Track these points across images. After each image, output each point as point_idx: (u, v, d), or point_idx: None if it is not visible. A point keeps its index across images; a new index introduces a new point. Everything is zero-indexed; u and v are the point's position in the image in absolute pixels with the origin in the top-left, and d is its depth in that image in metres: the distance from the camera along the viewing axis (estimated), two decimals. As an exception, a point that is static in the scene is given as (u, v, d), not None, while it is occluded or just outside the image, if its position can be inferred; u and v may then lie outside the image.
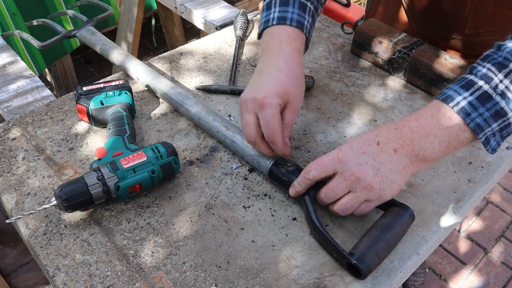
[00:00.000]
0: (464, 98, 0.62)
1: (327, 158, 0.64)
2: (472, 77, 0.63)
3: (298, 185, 0.67)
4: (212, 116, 0.79)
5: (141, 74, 0.87)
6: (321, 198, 0.66)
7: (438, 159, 0.64)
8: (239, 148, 0.75)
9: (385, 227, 0.63)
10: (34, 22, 1.05)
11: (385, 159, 0.62)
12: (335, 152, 0.64)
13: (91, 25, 0.98)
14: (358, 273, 0.61)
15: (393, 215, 0.64)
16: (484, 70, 0.62)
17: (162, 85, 0.84)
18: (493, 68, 0.62)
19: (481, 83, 0.62)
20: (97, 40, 0.94)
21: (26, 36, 1.02)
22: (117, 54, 0.91)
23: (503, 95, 0.61)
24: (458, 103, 0.62)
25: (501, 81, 0.61)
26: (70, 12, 1.04)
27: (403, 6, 1.06)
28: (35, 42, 0.99)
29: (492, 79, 0.61)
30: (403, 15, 1.09)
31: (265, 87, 0.68)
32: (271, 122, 0.66)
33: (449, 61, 0.90)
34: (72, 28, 0.97)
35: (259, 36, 0.79)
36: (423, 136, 0.63)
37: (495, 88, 0.61)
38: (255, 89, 0.69)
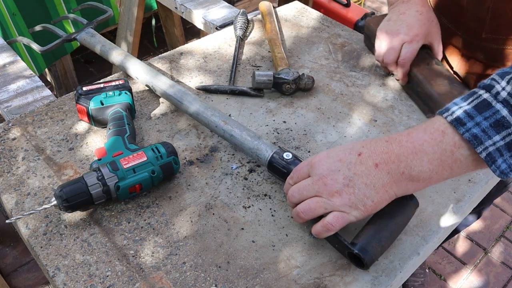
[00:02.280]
0: (460, 107, 0.55)
1: (304, 162, 0.64)
2: (474, 89, 0.57)
3: (284, 189, 0.68)
4: (211, 111, 0.78)
5: (140, 72, 0.87)
6: (288, 195, 0.65)
7: (431, 180, 0.58)
8: (238, 142, 0.75)
9: (388, 215, 0.61)
10: (37, 28, 1.05)
11: (362, 172, 0.58)
12: (312, 157, 0.64)
13: (91, 28, 0.98)
14: (361, 263, 0.60)
15: (396, 202, 0.61)
16: (488, 81, 0.56)
17: (160, 83, 0.84)
18: (496, 77, 0.55)
19: (481, 92, 0.55)
20: (97, 42, 0.95)
21: (27, 41, 1.02)
22: (116, 55, 0.91)
23: (505, 103, 0.52)
24: (452, 113, 0.55)
25: (503, 88, 0.53)
26: (71, 15, 1.05)
27: None
28: (35, 47, 0.99)
29: (493, 86, 0.54)
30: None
31: (414, 26, 0.89)
32: (410, 55, 0.88)
33: (442, 84, 0.87)
34: (73, 30, 0.98)
35: None
36: (411, 152, 0.57)
37: (495, 95, 0.53)
38: (404, 26, 0.89)
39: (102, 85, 0.82)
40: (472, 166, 0.56)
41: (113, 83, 0.83)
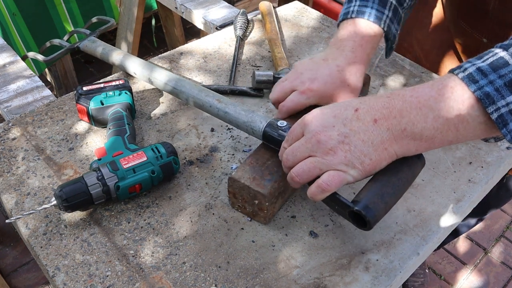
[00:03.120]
0: (474, 64, 0.51)
1: (297, 123, 0.60)
2: (491, 49, 0.53)
3: (279, 156, 0.64)
4: (205, 92, 0.78)
5: (136, 67, 0.87)
6: (283, 159, 0.61)
7: (434, 141, 0.53)
8: (232, 118, 0.74)
9: (392, 171, 0.56)
10: (47, 44, 1.07)
11: (358, 128, 0.54)
12: (305, 114, 0.60)
13: (94, 36, 1.00)
14: (363, 222, 0.56)
15: (401, 160, 0.57)
16: (506, 41, 0.52)
17: (157, 73, 0.84)
18: None
19: (498, 50, 0.51)
20: (97, 46, 0.95)
21: (33, 54, 1.05)
22: (115, 55, 0.91)
23: None
24: (465, 69, 0.51)
25: None
26: (81, 30, 1.06)
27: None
28: (40, 57, 1.02)
29: (511, 45, 0.50)
30: (439, 6, 1.05)
31: (318, 80, 0.71)
32: (291, 105, 0.71)
33: None
34: (77, 40, 1.01)
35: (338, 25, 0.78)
36: (415, 107, 0.52)
37: None
38: (312, 75, 0.71)
39: (102, 85, 0.82)
40: (479, 130, 0.52)
41: (113, 83, 0.83)
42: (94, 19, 1.10)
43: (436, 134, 0.53)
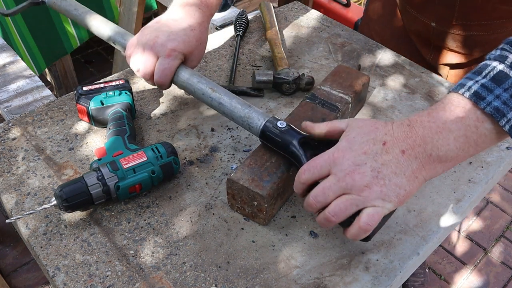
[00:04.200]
0: (476, 82, 0.54)
1: (322, 158, 0.58)
2: (485, 61, 0.56)
3: (295, 189, 0.62)
4: (197, 78, 0.75)
5: (117, 38, 0.83)
6: (309, 202, 0.58)
7: (458, 159, 0.56)
8: (227, 111, 0.72)
9: None
10: None
11: (389, 161, 0.55)
12: (331, 151, 0.58)
13: None
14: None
15: None
16: (498, 52, 0.55)
17: None
18: (507, 47, 0.54)
19: (494, 63, 0.54)
20: (68, 6, 0.88)
21: None
22: (91, 20, 0.86)
23: None
24: (469, 87, 0.54)
25: None
26: None
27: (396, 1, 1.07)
28: (1, 10, 0.95)
29: (507, 57, 0.53)
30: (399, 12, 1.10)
31: (176, 39, 0.74)
32: (168, 72, 0.74)
33: None
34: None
35: None
36: (435, 132, 0.54)
37: (511, 66, 0.53)
38: (167, 36, 0.74)
39: (102, 85, 0.82)
40: (495, 139, 0.55)
41: (113, 83, 0.83)
42: None
43: (459, 153, 0.55)
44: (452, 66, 1.05)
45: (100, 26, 0.85)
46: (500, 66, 0.53)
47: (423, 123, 0.56)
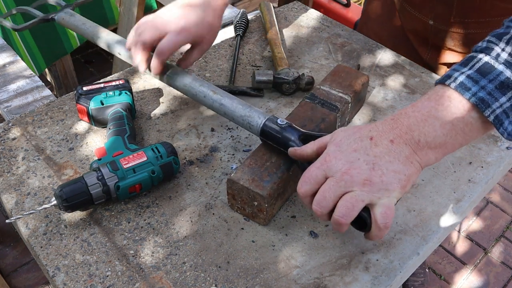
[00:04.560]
0: (462, 73, 0.55)
1: (314, 166, 0.58)
2: (472, 53, 0.57)
3: (305, 204, 0.61)
4: (199, 82, 0.76)
5: (122, 48, 0.84)
6: (315, 210, 0.58)
7: (447, 146, 0.56)
8: (228, 111, 0.72)
9: None
10: (13, 11, 1.02)
11: (380, 152, 0.56)
12: (321, 157, 0.58)
13: (70, 9, 0.94)
14: (363, 224, 0.58)
15: None
16: (484, 44, 0.56)
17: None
18: (493, 39, 0.55)
19: (480, 55, 0.55)
20: (77, 21, 0.90)
21: (2, 20, 0.98)
22: (101, 34, 0.87)
23: (507, 64, 0.53)
24: (455, 79, 0.55)
25: (503, 50, 0.54)
26: (52, 0, 1.01)
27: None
28: (9, 24, 0.96)
29: (493, 49, 0.54)
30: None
31: (191, 22, 0.75)
32: (171, 47, 0.74)
33: None
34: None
35: None
36: (421, 120, 0.56)
37: (496, 57, 0.53)
38: (183, 18, 0.75)
39: (102, 85, 0.82)
40: (482, 128, 0.56)
41: (113, 83, 0.83)
42: None
43: (447, 139, 0.56)
44: (450, 66, 1.05)
45: (109, 40, 0.87)
46: (486, 58, 0.54)
47: (407, 114, 0.57)
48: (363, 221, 0.58)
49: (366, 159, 0.56)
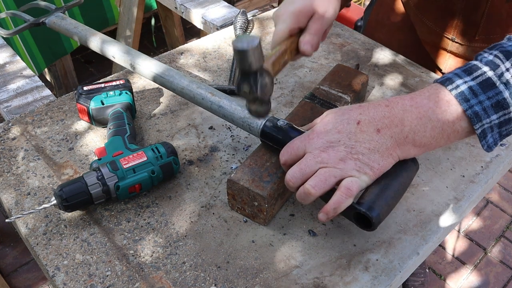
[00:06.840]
0: (465, 82, 0.56)
1: (298, 139, 0.61)
2: (476, 62, 0.58)
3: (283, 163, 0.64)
4: (196, 84, 0.75)
5: (115, 51, 0.83)
6: (287, 180, 0.60)
7: (429, 147, 0.59)
8: (227, 113, 0.72)
9: (392, 175, 0.59)
10: (3, 15, 1.01)
11: (363, 139, 0.57)
12: (307, 133, 0.61)
13: (61, 12, 0.94)
14: (367, 223, 0.59)
15: (398, 164, 0.60)
16: (491, 57, 0.57)
17: (140, 60, 0.80)
18: (500, 55, 0.56)
19: (485, 69, 0.56)
20: (68, 24, 0.89)
21: None
22: (92, 37, 0.86)
23: (507, 85, 0.55)
24: (457, 86, 0.56)
25: (507, 70, 0.55)
26: (42, 3, 1.00)
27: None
28: (2, 32, 0.96)
29: (498, 66, 0.55)
30: (399, 6, 1.08)
31: (295, 5, 0.70)
32: (281, 34, 0.70)
33: None
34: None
35: None
36: (416, 117, 0.57)
37: (500, 76, 0.55)
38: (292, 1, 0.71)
39: (102, 85, 0.82)
40: (464, 136, 0.58)
41: (114, 83, 0.83)
42: None
43: (432, 141, 0.58)
44: None
45: (102, 43, 0.85)
46: (490, 73, 0.55)
47: (404, 106, 0.58)
48: (367, 219, 0.58)
49: (346, 143, 0.58)
